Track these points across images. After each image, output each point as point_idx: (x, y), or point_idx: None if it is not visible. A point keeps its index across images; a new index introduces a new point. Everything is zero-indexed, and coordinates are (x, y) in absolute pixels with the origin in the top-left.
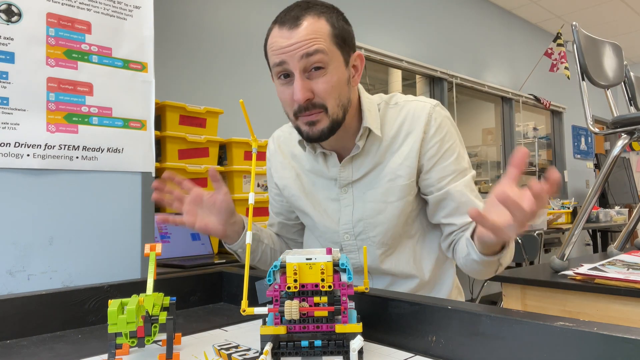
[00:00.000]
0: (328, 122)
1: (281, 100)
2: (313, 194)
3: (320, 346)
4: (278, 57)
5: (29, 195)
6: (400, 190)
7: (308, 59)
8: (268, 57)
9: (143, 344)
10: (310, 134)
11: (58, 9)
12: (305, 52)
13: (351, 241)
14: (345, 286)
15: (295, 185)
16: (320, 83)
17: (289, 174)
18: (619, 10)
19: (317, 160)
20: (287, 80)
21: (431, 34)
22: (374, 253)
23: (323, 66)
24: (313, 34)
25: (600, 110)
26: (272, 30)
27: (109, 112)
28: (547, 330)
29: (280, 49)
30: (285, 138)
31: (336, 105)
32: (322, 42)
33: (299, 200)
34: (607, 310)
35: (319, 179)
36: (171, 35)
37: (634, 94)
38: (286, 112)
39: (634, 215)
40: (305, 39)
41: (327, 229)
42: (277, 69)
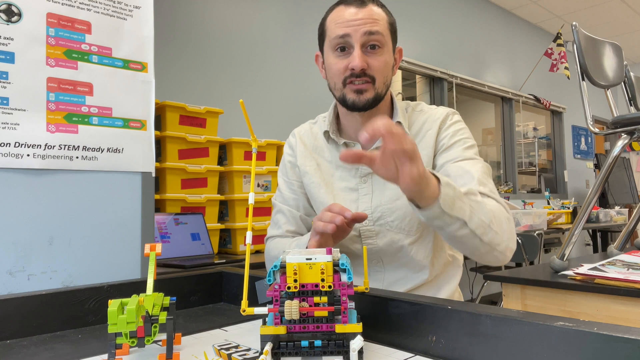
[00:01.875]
0: (374, 93)
1: (331, 72)
2: (332, 184)
3: (320, 346)
4: (343, 29)
5: (29, 195)
6: None
7: (369, 36)
8: (327, 29)
9: (143, 344)
10: (357, 102)
11: (58, 9)
12: (369, 30)
13: (369, 226)
14: (345, 286)
15: (316, 174)
16: (375, 60)
17: (311, 162)
18: (619, 10)
19: (339, 151)
20: (343, 54)
21: (431, 34)
22: (393, 238)
23: (380, 45)
24: (376, 15)
25: (600, 110)
26: (336, 8)
27: (109, 112)
28: (547, 330)
29: (347, 22)
30: (306, 131)
31: (382, 82)
32: (382, 26)
33: (318, 188)
34: (607, 310)
35: (338, 170)
36: (171, 35)
37: (634, 94)
38: (333, 82)
39: (634, 215)
40: (370, 18)
41: None
42: (338, 40)
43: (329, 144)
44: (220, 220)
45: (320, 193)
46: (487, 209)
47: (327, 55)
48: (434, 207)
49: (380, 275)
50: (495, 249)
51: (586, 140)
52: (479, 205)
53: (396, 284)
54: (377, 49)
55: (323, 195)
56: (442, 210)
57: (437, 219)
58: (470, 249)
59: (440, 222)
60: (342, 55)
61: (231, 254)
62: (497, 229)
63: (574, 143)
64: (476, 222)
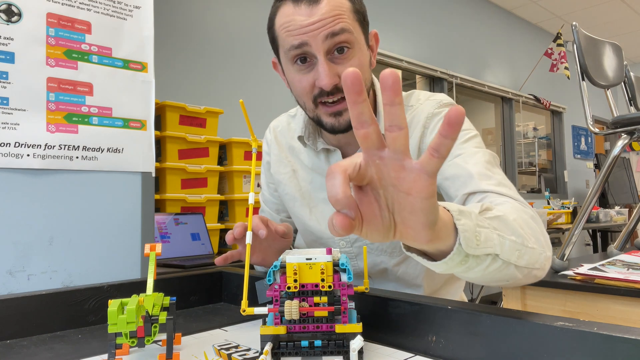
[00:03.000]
0: None
1: (296, 89)
2: (309, 194)
3: (320, 346)
4: (297, 38)
5: (29, 195)
6: None
7: (333, 38)
8: (279, 38)
9: (143, 344)
10: (337, 125)
11: (58, 9)
12: (331, 31)
13: (347, 248)
14: (345, 286)
15: (291, 183)
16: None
17: (285, 169)
18: (619, 10)
19: (318, 157)
20: (305, 66)
21: (431, 34)
22: (375, 260)
23: (349, 46)
24: (337, 9)
25: (600, 110)
26: (283, 7)
27: (109, 112)
28: (547, 330)
29: (300, 29)
30: (282, 129)
31: None
32: (347, 19)
33: (293, 201)
34: (607, 310)
35: (317, 177)
36: (171, 35)
37: (634, 94)
38: (302, 102)
39: (634, 215)
40: (329, 16)
41: (322, 234)
42: (295, 52)
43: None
44: (220, 220)
45: (296, 206)
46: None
47: (286, 68)
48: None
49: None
50: (533, 269)
51: (586, 140)
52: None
53: None
54: (347, 50)
55: (298, 209)
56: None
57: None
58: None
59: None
60: (305, 68)
61: None
62: (533, 242)
63: (574, 143)
64: (509, 247)
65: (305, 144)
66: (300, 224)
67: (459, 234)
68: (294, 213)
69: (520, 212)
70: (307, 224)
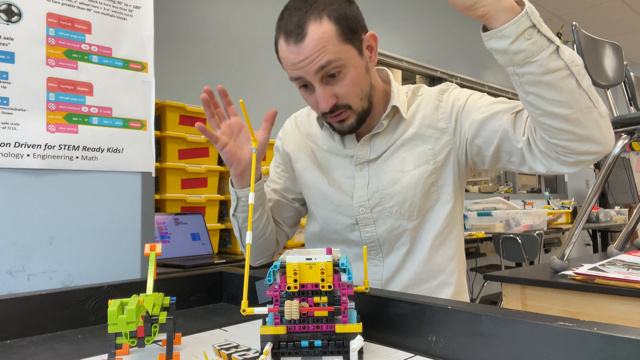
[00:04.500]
0: (355, 117)
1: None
2: (328, 171)
3: (320, 346)
4: (294, 72)
5: (29, 195)
6: (416, 157)
7: (323, 70)
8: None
9: (143, 344)
10: (342, 129)
11: (58, 9)
12: (319, 66)
13: (367, 214)
14: (345, 286)
15: (310, 160)
16: (342, 87)
17: (305, 149)
18: (619, 10)
19: (333, 139)
20: (308, 89)
21: (431, 34)
22: (394, 224)
23: (339, 70)
24: (320, 43)
25: None
26: (280, 42)
27: (109, 112)
28: (547, 330)
29: (294, 66)
30: (303, 117)
31: (359, 100)
32: (331, 49)
33: (312, 172)
34: (607, 310)
35: (334, 158)
36: (171, 35)
37: (634, 94)
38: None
39: (634, 215)
40: (313, 53)
41: (341, 202)
42: (296, 81)
43: (324, 130)
44: (220, 220)
45: (315, 177)
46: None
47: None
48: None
49: (379, 269)
50: (596, 106)
51: None
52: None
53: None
54: (338, 74)
55: (317, 180)
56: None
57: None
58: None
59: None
60: (308, 90)
61: (231, 254)
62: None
63: None
64: (568, 54)
65: (323, 124)
66: (318, 195)
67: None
68: (313, 185)
69: None
70: (326, 192)
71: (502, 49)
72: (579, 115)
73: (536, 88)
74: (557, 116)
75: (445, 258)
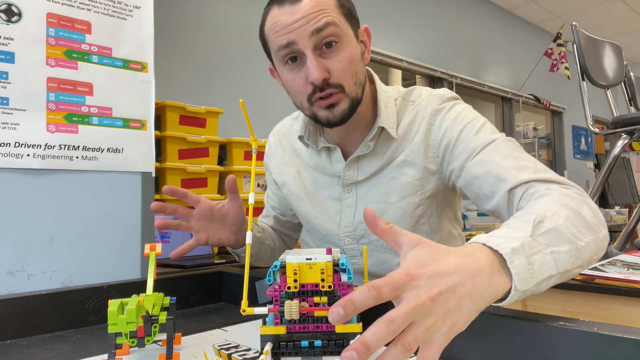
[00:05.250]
0: (348, 102)
1: (290, 89)
2: (314, 193)
3: (320, 346)
4: (284, 37)
5: (29, 195)
6: (402, 188)
7: (319, 34)
8: (269, 41)
9: (143, 344)
10: (332, 118)
11: (58, 9)
12: (315, 28)
13: (353, 245)
14: (345, 286)
15: (296, 183)
16: (336, 62)
17: (289, 170)
18: (619, 10)
19: (319, 156)
20: (296, 64)
21: (431, 34)
22: (380, 258)
23: (336, 40)
24: (319, 5)
25: (600, 110)
26: (270, 11)
27: (109, 112)
28: (547, 330)
29: (286, 28)
30: (286, 131)
31: (353, 84)
32: (332, 14)
33: (299, 200)
34: (607, 310)
35: (321, 176)
36: (171, 35)
37: (634, 94)
38: (297, 101)
39: (634, 215)
40: (312, 12)
41: (327, 232)
42: (284, 51)
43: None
44: None
45: (301, 205)
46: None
47: (280, 70)
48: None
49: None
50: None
51: (586, 140)
52: (554, 234)
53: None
54: (335, 44)
55: (304, 208)
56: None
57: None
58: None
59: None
60: (296, 66)
61: (231, 254)
62: (587, 237)
63: (574, 143)
64: (563, 259)
65: (306, 144)
66: (306, 222)
67: (514, 277)
68: (300, 212)
69: (568, 199)
70: (313, 222)
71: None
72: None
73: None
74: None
75: None
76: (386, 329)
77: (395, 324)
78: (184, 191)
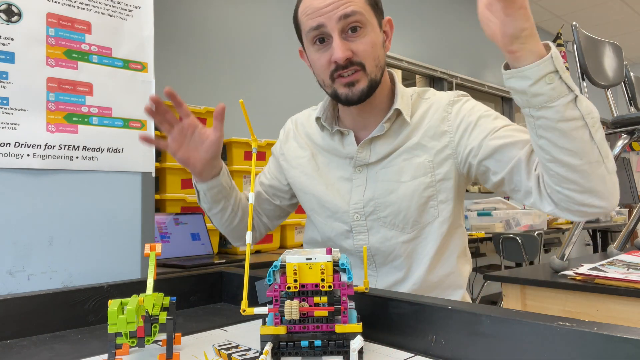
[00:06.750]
0: (367, 81)
1: (316, 67)
2: (326, 174)
3: (320, 346)
4: (315, 20)
5: (29, 195)
6: (414, 168)
7: (346, 19)
8: (301, 24)
9: (143, 344)
10: (350, 95)
11: (58, 9)
12: (343, 13)
13: (361, 221)
14: (345, 286)
15: (310, 165)
16: (360, 44)
17: (305, 153)
18: (619, 10)
19: (332, 139)
20: (323, 45)
21: (431, 34)
22: (386, 235)
23: (361, 26)
24: None
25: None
26: None
27: (109, 112)
28: (547, 330)
29: (317, 11)
30: (303, 119)
31: (374, 65)
32: (358, 3)
33: (311, 179)
34: (607, 310)
35: (333, 158)
36: (171, 35)
37: (634, 94)
38: (321, 79)
39: (634, 215)
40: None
41: (337, 209)
42: (314, 33)
43: (323, 131)
44: None
45: (313, 184)
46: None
47: (308, 51)
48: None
49: (372, 279)
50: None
51: None
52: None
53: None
54: (360, 30)
55: (315, 186)
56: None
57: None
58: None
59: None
60: (323, 47)
61: (231, 254)
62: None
63: None
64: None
65: (323, 125)
66: (316, 201)
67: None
68: (310, 191)
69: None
70: (324, 198)
71: (521, 89)
72: (587, 167)
73: (549, 134)
74: (565, 164)
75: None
76: None
77: None
78: (180, 100)
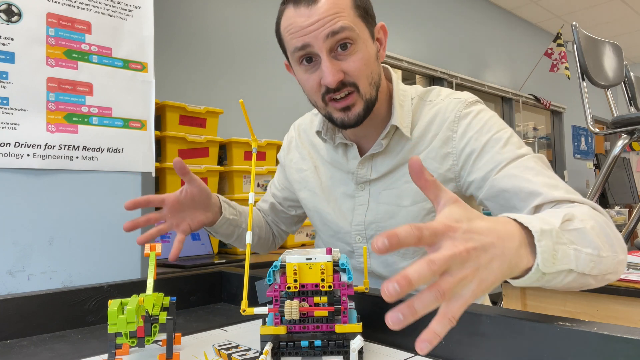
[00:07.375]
0: (362, 104)
1: (305, 88)
2: (330, 189)
3: (320, 346)
4: (300, 39)
5: (29, 195)
6: (414, 193)
7: (334, 37)
8: (285, 42)
9: (143, 344)
10: (347, 120)
11: (58, 9)
12: (330, 31)
13: (362, 243)
14: (345, 286)
15: (313, 179)
16: (351, 62)
17: (307, 165)
18: (619, 10)
19: (336, 152)
20: (311, 65)
21: (431, 34)
22: (387, 260)
23: (351, 42)
24: (335, 7)
25: (600, 110)
26: (286, 11)
27: (109, 112)
28: (547, 330)
29: (301, 30)
30: (306, 126)
31: (368, 84)
32: (346, 17)
33: (314, 196)
34: (607, 310)
35: (337, 172)
36: (172, 36)
37: (634, 94)
38: (312, 100)
39: (634, 215)
40: (327, 15)
41: (339, 229)
42: (299, 53)
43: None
44: None
45: (316, 201)
46: (589, 232)
47: (295, 69)
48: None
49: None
50: (606, 275)
51: (586, 140)
52: (580, 234)
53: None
54: (350, 46)
55: (318, 203)
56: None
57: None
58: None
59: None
60: (311, 67)
61: (231, 254)
62: (607, 251)
63: (574, 143)
64: (583, 260)
65: (324, 139)
66: (319, 219)
67: (538, 256)
68: (314, 208)
69: (595, 217)
70: (326, 217)
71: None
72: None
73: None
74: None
75: None
76: (427, 267)
77: (436, 265)
78: (146, 199)
